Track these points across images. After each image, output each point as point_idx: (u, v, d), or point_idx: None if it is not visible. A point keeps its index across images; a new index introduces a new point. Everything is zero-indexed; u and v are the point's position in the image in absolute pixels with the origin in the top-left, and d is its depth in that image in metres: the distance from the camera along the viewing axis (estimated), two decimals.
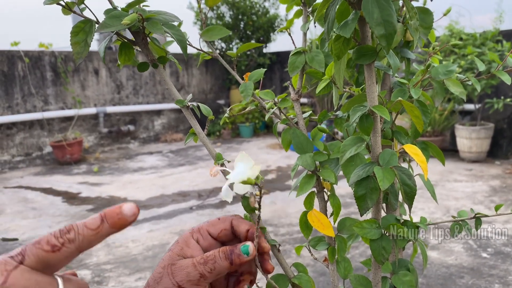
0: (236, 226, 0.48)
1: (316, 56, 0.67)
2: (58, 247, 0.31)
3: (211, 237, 0.47)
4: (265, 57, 7.81)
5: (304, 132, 0.71)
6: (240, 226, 0.48)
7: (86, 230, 0.32)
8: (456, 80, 0.71)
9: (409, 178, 0.49)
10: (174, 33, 0.55)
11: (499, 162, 4.93)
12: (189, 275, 0.42)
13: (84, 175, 5.07)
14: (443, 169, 4.69)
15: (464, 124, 5.12)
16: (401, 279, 0.64)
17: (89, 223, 0.32)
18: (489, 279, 2.28)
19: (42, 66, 5.88)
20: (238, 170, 0.47)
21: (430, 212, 3.33)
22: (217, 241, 0.48)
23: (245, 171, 0.47)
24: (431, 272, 2.37)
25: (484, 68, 0.73)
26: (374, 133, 0.51)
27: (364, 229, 0.53)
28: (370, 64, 0.49)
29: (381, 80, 0.72)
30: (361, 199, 0.50)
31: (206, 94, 8.09)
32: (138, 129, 7.12)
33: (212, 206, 3.72)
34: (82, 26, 0.54)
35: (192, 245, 0.46)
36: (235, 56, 0.79)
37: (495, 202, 3.53)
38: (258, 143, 6.81)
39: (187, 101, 0.60)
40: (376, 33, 0.43)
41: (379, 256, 0.52)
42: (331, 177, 0.62)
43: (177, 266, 0.43)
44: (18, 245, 2.94)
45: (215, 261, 0.43)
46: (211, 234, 0.47)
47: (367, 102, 0.51)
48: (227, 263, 0.43)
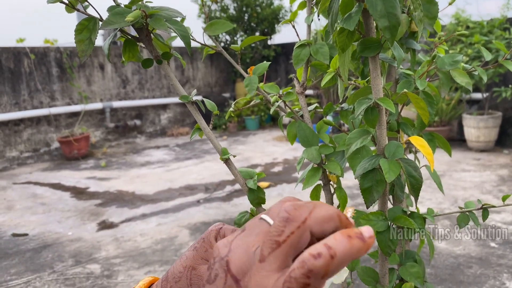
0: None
1: (320, 49, 0.66)
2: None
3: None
4: (270, 49, 7.77)
5: (310, 125, 0.71)
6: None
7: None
8: (462, 71, 0.71)
9: (415, 170, 0.49)
10: (177, 29, 0.55)
11: (508, 151, 4.90)
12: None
13: (91, 170, 5.10)
14: (450, 159, 4.67)
15: (472, 113, 5.07)
16: (408, 270, 0.64)
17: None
18: (498, 268, 2.28)
19: (47, 62, 5.90)
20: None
21: (437, 202, 3.32)
22: None
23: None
24: (439, 263, 2.37)
25: (491, 57, 0.73)
26: (380, 125, 0.51)
27: (370, 221, 0.53)
28: (374, 57, 0.49)
29: (387, 72, 0.72)
30: (367, 191, 0.50)
31: (212, 87, 8.09)
32: (145, 123, 7.14)
33: (219, 199, 3.74)
34: (86, 23, 0.54)
35: None
36: (239, 50, 0.79)
37: (504, 191, 3.51)
38: (264, 135, 6.81)
39: (192, 96, 0.60)
40: (380, 25, 0.43)
41: (386, 248, 0.52)
42: (337, 170, 0.62)
43: (197, 273, 0.41)
44: (28, 241, 2.97)
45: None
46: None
47: (372, 95, 0.50)
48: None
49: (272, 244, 0.27)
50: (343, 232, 0.26)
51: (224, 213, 3.38)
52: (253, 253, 0.28)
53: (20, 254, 2.76)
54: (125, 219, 3.35)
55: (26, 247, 2.87)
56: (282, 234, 0.27)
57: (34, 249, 2.83)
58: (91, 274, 2.44)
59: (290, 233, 0.26)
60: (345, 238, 0.25)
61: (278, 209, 0.29)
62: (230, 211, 3.41)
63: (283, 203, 0.30)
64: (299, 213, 0.27)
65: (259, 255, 0.27)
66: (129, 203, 3.75)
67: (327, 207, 0.28)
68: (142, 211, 3.53)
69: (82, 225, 3.26)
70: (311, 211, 0.27)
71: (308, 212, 0.27)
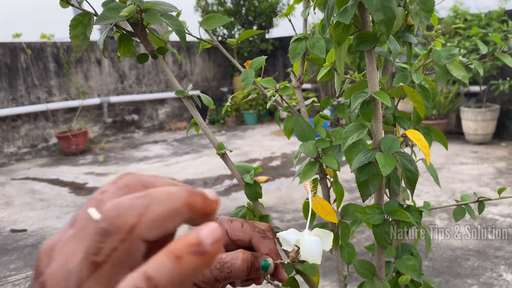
0: (256, 246, 0.45)
1: (317, 43, 0.66)
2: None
3: (227, 236, 0.45)
4: (268, 43, 7.75)
5: (306, 119, 0.71)
6: (260, 248, 0.45)
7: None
8: (459, 64, 0.71)
9: (410, 164, 0.49)
10: (172, 24, 0.55)
11: (505, 143, 4.91)
12: (204, 276, 0.41)
13: (90, 166, 5.10)
14: (448, 152, 4.68)
15: (470, 106, 5.08)
16: (405, 263, 0.65)
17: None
18: (495, 260, 2.29)
19: (44, 57, 5.87)
20: (312, 245, 0.41)
21: (435, 195, 3.33)
22: (233, 243, 0.45)
23: (318, 249, 0.40)
24: (437, 255, 2.39)
25: (487, 50, 0.73)
26: (376, 119, 0.51)
27: (367, 215, 0.53)
28: (370, 50, 0.49)
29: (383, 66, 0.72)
30: (363, 185, 0.51)
31: (209, 81, 8.07)
32: (142, 118, 7.13)
33: (218, 193, 3.74)
34: (81, 19, 0.54)
35: None
36: (235, 44, 0.79)
37: (501, 184, 3.52)
38: (263, 130, 6.81)
39: (188, 91, 0.60)
40: (375, 19, 0.43)
41: (382, 241, 0.53)
42: (334, 164, 0.63)
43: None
44: (27, 236, 2.98)
45: (231, 270, 0.41)
46: (228, 235, 0.45)
47: (368, 89, 0.50)
48: (244, 274, 0.42)
49: (90, 265, 0.20)
50: (170, 253, 0.19)
51: (223, 207, 3.38)
52: (74, 269, 0.20)
53: (19, 250, 2.76)
54: None
55: (25, 243, 2.87)
56: (101, 252, 0.20)
57: (33, 244, 2.83)
58: None
59: (111, 250, 0.20)
60: (170, 261, 0.19)
61: (111, 196, 0.23)
62: (229, 205, 3.42)
63: (116, 185, 0.23)
64: (124, 220, 0.20)
65: (79, 273, 0.20)
66: None
67: (170, 197, 0.21)
68: None
69: None
70: (143, 213, 0.21)
71: (138, 216, 0.21)
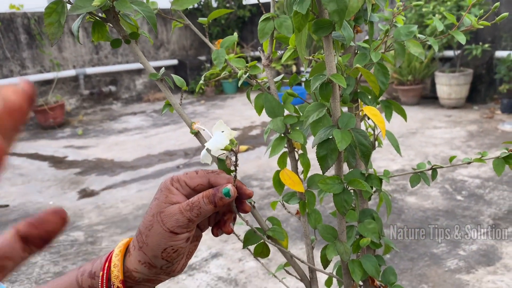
0: (214, 182, 0.52)
1: (284, 22, 0.70)
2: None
3: (188, 188, 0.51)
4: (245, 10, 7.64)
5: (276, 96, 0.76)
6: (219, 182, 0.51)
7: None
8: (416, 41, 0.76)
9: (365, 139, 0.54)
10: (143, 10, 0.58)
11: (477, 107, 5.06)
12: (178, 221, 0.47)
13: (69, 139, 5.06)
14: (423, 116, 4.80)
15: (444, 71, 5.18)
16: (366, 226, 0.72)
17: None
18: (462, 220, 2.43)
19: (15, 28, 5.69)
20: (216, 139, 0.52)
21: (409, 159, 3.46)
22: (195, 191, 0.51)
23: (222, 140, 0.52)
24: (409, 216, 2.51)
25: (442, 28, 0.77)
26: (334, 99, 0.56)
27: (327, 185, 0.59)
28: (327, 36, 0.53)
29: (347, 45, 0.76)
30: (322, 159, 0.56)
31: (187, 50, 7.95)
32: (120, 89, 7.04)
33: (199, 164, 3.79)
34: (54, 7, 0.56)
35: (175, 192, 0.50)
36: (206, 23, 0.82)
37: (472, 146, 3.66)
38: (242, 99, 6.81)
39: (160, 74, 0.63)
40: (328, 9, 0.47)
41: (342, 208, 0.59)
42: (300, 138, 0.68)
43: (166, 213, 0.47)
44: (10, 212, 2.99)
45: (200, 207, 0.48)
46: (188, 186, 0.51)
47: (326, 71, 0.55)
48: (211, 206, 0.48)
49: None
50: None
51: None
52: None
53: (2, 226, 2.78)
54: (105, 186, 3.39)
55: (8, 218, 2.89)
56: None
57: (16, 219, 2.86)
58: (75, 241, 2.49)
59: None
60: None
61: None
62: None
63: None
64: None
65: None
66: (108, 171, 3.78)
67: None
68: (122, 178, 3.56)
69: (63, 194, 3.29)
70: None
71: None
